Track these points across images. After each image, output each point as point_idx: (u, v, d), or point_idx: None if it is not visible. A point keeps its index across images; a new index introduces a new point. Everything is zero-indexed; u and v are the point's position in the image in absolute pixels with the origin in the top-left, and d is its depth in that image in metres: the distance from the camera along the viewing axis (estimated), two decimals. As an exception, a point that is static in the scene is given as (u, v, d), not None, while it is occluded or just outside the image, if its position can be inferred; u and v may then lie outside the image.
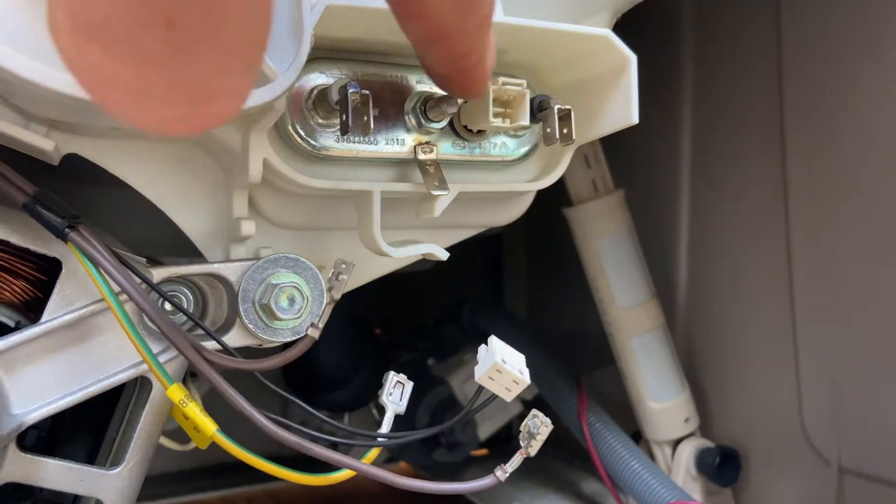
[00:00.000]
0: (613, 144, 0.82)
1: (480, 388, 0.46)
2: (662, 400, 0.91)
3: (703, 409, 0.94)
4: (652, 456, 0.93)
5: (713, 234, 0.94)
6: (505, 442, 1.18)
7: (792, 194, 0.83)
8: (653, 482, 0.80)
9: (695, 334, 0.97)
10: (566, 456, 1.10)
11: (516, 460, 0.45)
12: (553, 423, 0.45)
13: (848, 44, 0.77)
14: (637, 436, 0.94)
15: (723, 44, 0.92)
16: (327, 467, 0.46)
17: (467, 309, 1.06)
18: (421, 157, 0.54)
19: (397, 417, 0.48)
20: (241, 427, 0.46)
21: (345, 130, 0.47)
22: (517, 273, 1.31)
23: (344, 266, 0.47)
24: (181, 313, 0.50)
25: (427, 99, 0.54)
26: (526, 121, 0.52)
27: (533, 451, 0.45)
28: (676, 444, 0.92)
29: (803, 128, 0.82)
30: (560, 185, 0.73)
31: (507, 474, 0.45)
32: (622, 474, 0.83)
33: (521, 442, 0.45)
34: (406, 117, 0.54)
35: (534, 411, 0.45)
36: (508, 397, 0.45)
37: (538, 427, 0.44)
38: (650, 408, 0.91)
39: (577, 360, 1.03)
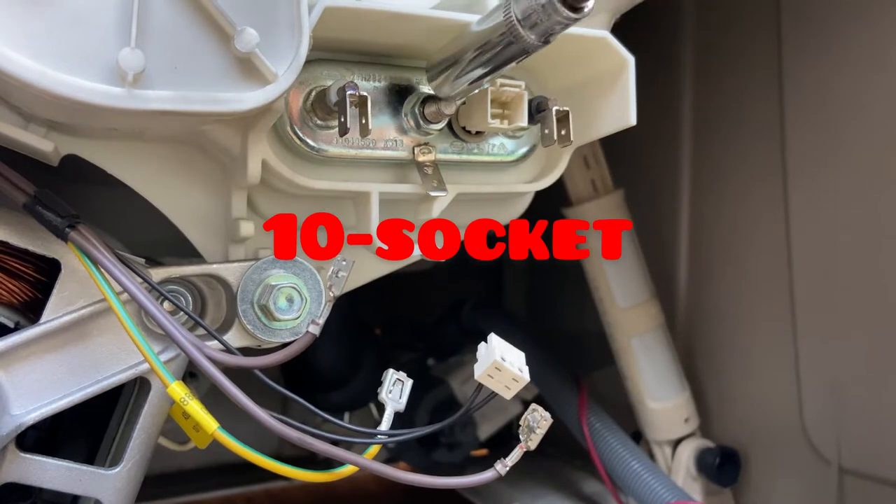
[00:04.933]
0: (613, 145, 0.82)
1: (480, 386, 0.46)
2: (662, 400, 0.91)
3: (703, 409, 0.94)
4: (652, 456, 0.93)
5: (713, 234, 0.94)
6: (504, 442, 1.18)
7: (792, 194, 0.83)
8: (653, 482, 0.80)
9: (695, 334, 0.97)
10: (566, 456, 1.10)
11: (516, 454, 0.45)
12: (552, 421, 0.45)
13: (848, 43, 0.77)
14: (637, 436, 0.93)
15: (723, 44, 0.92)
16: (326, 468, 0.46)
17: (467, 309, 1.06)
18: (419, 158, 0.54)
19: (397, 418, 0.48)
20: (239, 428, 0.46)
21: (343, 132, 0.47)
22: (517, 273, 1.31)
23: (343, 263, 0.47)
24: (181, 313, 0.50)
25: (425, 100, 0.54)
26: (524, 122, 0.53)
27: (533, 445, 0.45)
28: (676, 444, 0.92)
29: (804, 128, 0.82)
30: (560, 184, 0.73)
31: (508, 468, 0.45)
32: (622, 474, 0.83)
33: (520, 436, 0.45)
34: (404, 119, 0.54)
35: (533, 405, 0.45)
36: (508, 395, 0.45)
37: (538, 421, 0.44)
38: (650, 408, 0.91)
39: (577, 360, 1.03)
